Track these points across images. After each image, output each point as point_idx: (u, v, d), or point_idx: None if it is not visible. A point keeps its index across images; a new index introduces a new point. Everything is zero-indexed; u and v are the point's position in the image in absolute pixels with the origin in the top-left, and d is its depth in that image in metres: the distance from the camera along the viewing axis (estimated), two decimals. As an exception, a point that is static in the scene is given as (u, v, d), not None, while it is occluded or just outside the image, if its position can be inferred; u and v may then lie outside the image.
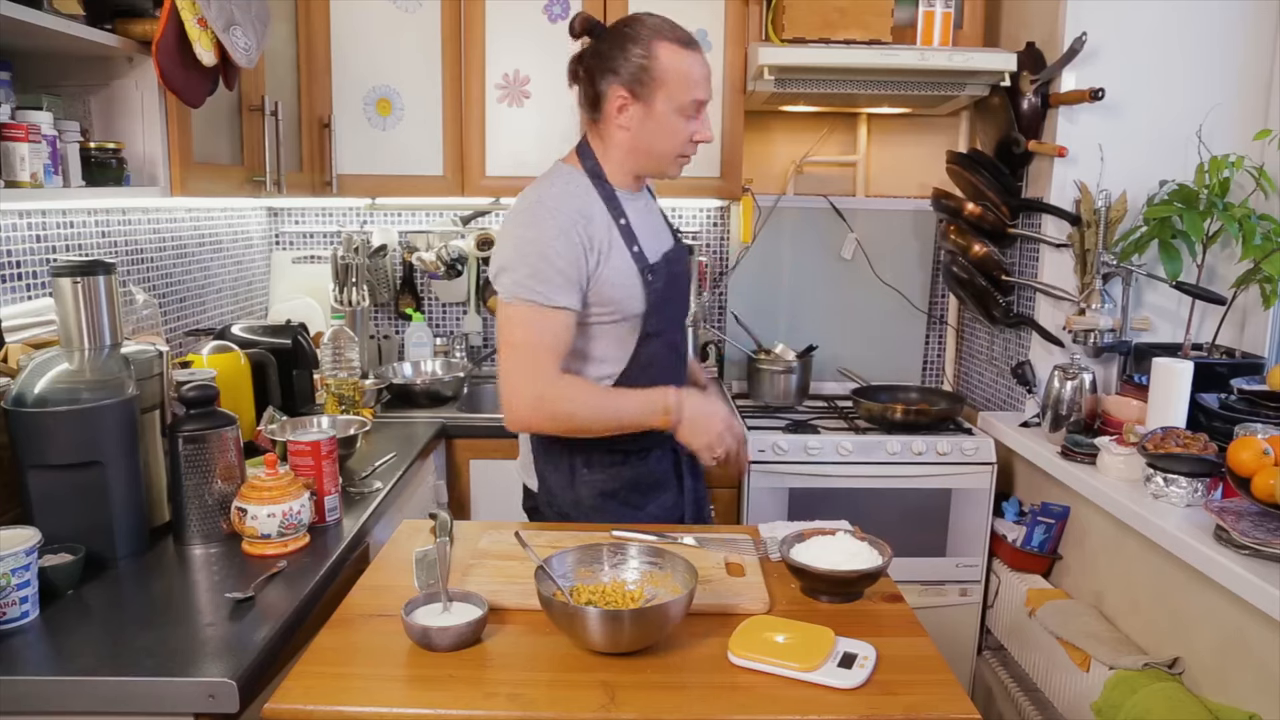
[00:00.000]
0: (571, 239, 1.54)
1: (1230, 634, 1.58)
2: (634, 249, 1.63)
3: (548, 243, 1.54)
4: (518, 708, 1.07)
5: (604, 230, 1.60)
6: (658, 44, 1.57)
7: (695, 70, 1.60)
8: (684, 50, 1.59)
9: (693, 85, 1.59)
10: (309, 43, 2.47)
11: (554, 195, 1.60)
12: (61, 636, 1.19)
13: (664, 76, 1.57)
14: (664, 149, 1.64)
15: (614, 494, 1.71)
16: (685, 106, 1.60)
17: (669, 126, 1.61)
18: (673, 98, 1.59)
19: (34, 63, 1.64)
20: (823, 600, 1.35)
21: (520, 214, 1.60)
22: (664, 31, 1.59)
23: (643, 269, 1.63)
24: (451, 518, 1.34)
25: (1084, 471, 2.02)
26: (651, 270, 1.64)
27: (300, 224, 2.96)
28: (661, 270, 1.66)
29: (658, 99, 1.59)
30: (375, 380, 2.53)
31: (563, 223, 1.55)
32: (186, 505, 1.49)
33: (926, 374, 3.03)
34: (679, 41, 1.59)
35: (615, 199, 1.65)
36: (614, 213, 1.63)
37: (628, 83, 1.59)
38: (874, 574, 1.34)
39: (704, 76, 1.62)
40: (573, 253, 1.54)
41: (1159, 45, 2.26)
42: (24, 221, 1.76)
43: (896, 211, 2.88)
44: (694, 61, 1.60)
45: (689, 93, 1.59)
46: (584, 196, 1.62)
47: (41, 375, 1.38)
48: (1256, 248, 2.06)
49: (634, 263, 1.62)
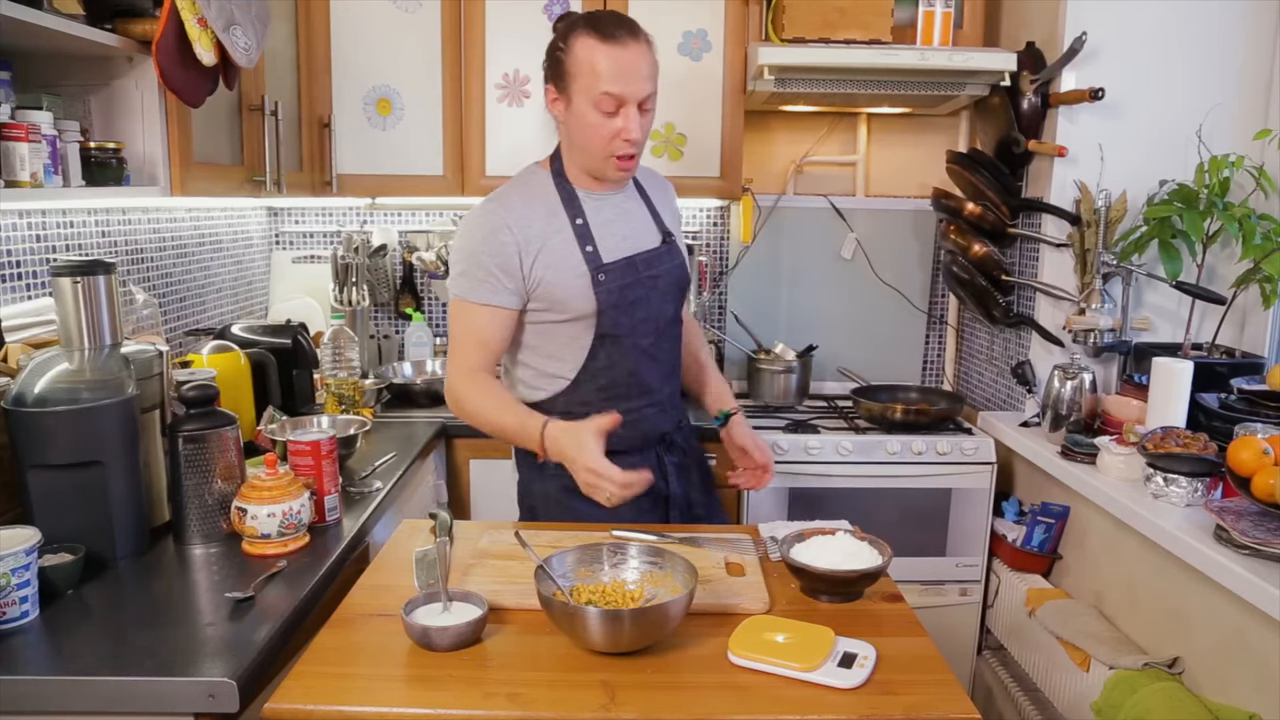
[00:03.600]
0: (501, 239, 1.58)
1: (1230, 634, 1.58)
2: (586, 249, 1.62)
3: (478, 243, 1.60)
4: (518, 708, 1.07)
5: (547, 230, 1.61)
6: (574, 36, 1.54)
7: (607, 63, 1.52)
8: (600, 42, 1.52)
9: (602, 78, 1.52)
10: (309, 43, 2.47)
11: (500, 195, 1.66)
12: (61, 636, 1.19)
13: (576, 70, 1.54)
14: (590, 147, 1.59)
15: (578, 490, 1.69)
16: (599, 100, 1.53)
17: (587, 122, 1.56)
18: (585, 91, 1.54)
19: (34, 63, 1.64)
20: (823, 600, 1.35)
21: (468, 214, 1.65)
22: (586, 24, 1.54)
23: (595, 269, 1.61)
24: (451, 518, 1.34)
25: (1084, 471, 2.02)
26: (605, 270, 1.62)
27: (300, 224, 2.96)
28: (619, 271, 1.63)
29: (574, 93, 1.55)
30: (375, 380, 2.53)
31: (495, 223, 1.59)
32: (186, 505, 1.49)
33: (926, 374, 3.03)
34: (598, 34, 1.52)
35: (575, 199, 1.65)
36: (570, 212, 1.63)
37: (552, 77, 1.60)
38: (874, 574, 1.34)
39: (620, 70, 1.52)
40: (502, 252, 1.58)
41: (1159, 45, 2.26)
42: (24, 221, 1.76)
43: (896, 211, 2.88)
44: (610, 54, 1.52)
45: (598, 85, 1.52)
46: (537, 196, 1.64)
47: (41, 375, 1.38)
48: (1256, 247, 2.06)
49: (584, 263, 1.61)
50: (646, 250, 1.69)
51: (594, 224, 1.64)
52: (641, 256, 1.67)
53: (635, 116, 1.56)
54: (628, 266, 1.65)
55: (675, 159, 2.61)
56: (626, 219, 1.70)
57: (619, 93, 1.53)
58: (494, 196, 1.66)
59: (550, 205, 1.64)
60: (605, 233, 1.65)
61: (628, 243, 1.67)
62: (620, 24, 1.55)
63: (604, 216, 1.66)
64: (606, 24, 1.54)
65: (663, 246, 1.72)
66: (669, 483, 1.75)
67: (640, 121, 1.57)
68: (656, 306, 1.70)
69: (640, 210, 1.74)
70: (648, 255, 1.68)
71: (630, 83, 1.53)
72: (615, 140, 1.57)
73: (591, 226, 1.64)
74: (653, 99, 1.59)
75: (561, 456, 1.49)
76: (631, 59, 1.53)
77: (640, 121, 1.57)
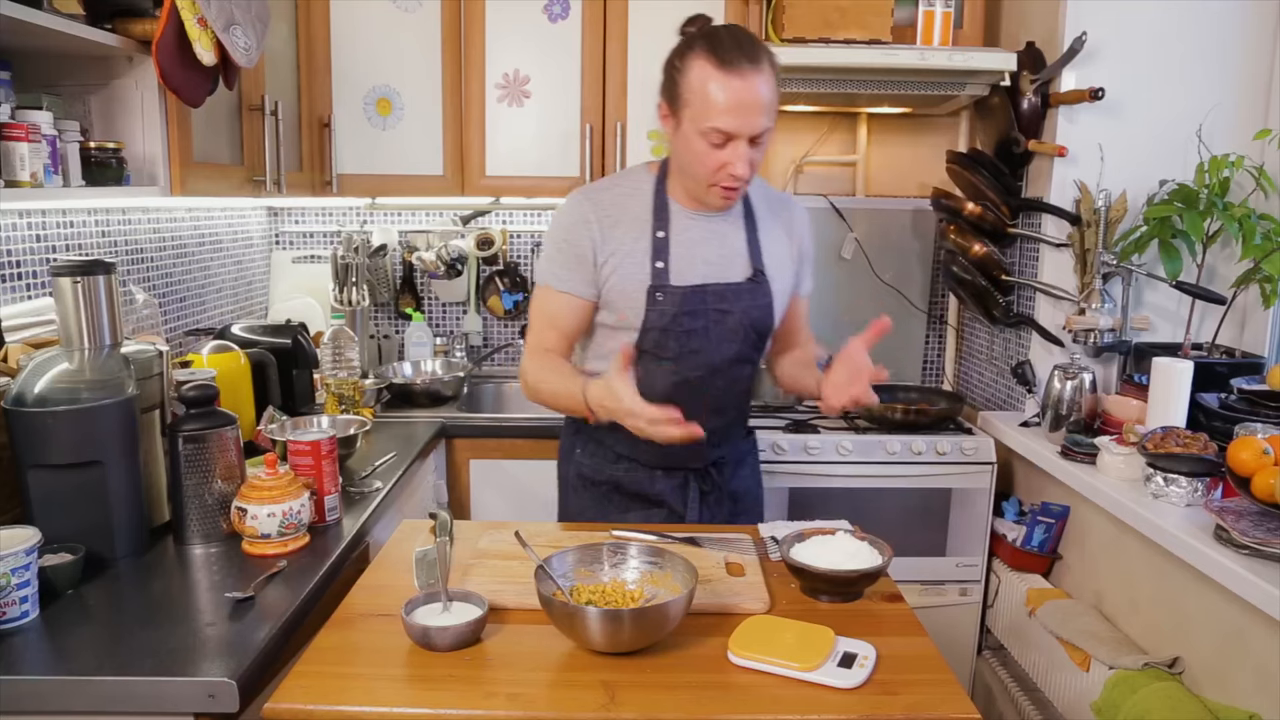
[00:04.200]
0: (587, 230, 1.57)
1: (1230, 634, 1.58)
2: (656, 264, 1.56)
3: (563, 231, 1.60)
4: (518, 708, 1.07)
5: (629, 234, 1.57)
6: (691, 56, 1.45)
7: (720, 95, 1.42)
8: (718, 70, 1.41)
9: (712, 111, 1.42)
10: (309, 43, 2.47)
11: (594, 188, 1.64)
12: (61, 636, 1.19)
13: (688, 95, 1.45)
14: (694, 173, 1.52)
15: (597, 485, 1.72)
16: (707, 132, 1.44)
17: (692, 149, 1.48)
18: (694, 120, 1.45)
19: (34, 63, 1.64)
20: (823, 600, 1.35)
21: (564, 200, 1.64)
22: (705, 44, 1.44)
23: (654, 288, 1.56)
24: (451, 518, 1.34)
25: (1084, 471, 2.02)
26: (664, 291, 1.56)
27: (300, 224, 2.96)
28: (681, 296, 1.56)
29: (684, 117, 1.47)
30: (375, 380, 2.53)
31: (585, 213, 1.58)
32: (186, 505, 1.49)
33: (926, 374, 3.03)
34: (715, 59, 1.42)
35: (665, 210, 1.58)
36: (658, 221, 1.58)
37: (664, 92, 1.52)
38: (874, 574, 1.34)
39: (733, 104, 1.42)
40: (581, 244, 1.57)
41: (1159, 45, 2.26)
42: (24, 221, 1.76)
43: (896, 211, 2.88)
44: (727, 85, 1.41)
45: (709, 118, 1.43)
46: (632, 197, 1.60)
47: (41, 375, 1.38)
48: (1256, 247, 2.06)
49: (649, 277, 1.56)
50: (724, 282, 1.59)
51: (675, 241, 1.57)
52: (715, 287, 1.58)
53: (744, 152, 1.46)
54: (693, 294, 1.57)
55: (675, 159, 2.61)
56: (715, 244, 1.60)
57: (729, 129, 1.43)
58: (588, 188, 1.64)
59: (641, 210, 1.59)
60: (684, 253, 1.57)
61: (706, 269, 1.59)
62: (741, 48, 1.43)
63: (690, 236, 1.58)
64: (726, 47, 1.43)
65: (746, 283, 1.61)
66: (687, 508, 1.71)
67: (750, 156, 1.47)
68: (715, 343, 1.60)
69: (737, 238, 1.62)
70: (723, 288, 1.59)
71: (743, 118, 1.43)
72: (720, 172, 1.48)
73: (671, 244, 1.57)
74: (767, 134, 1.48)
75: (605, 411, 1.46)
76: (748, 91, 1.42)
77: (750, 156, 1.47)
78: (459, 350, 2.90)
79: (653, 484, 1.70)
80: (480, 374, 2.94)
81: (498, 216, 2.96)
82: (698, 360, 1.61)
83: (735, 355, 1.64)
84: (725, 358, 1.63)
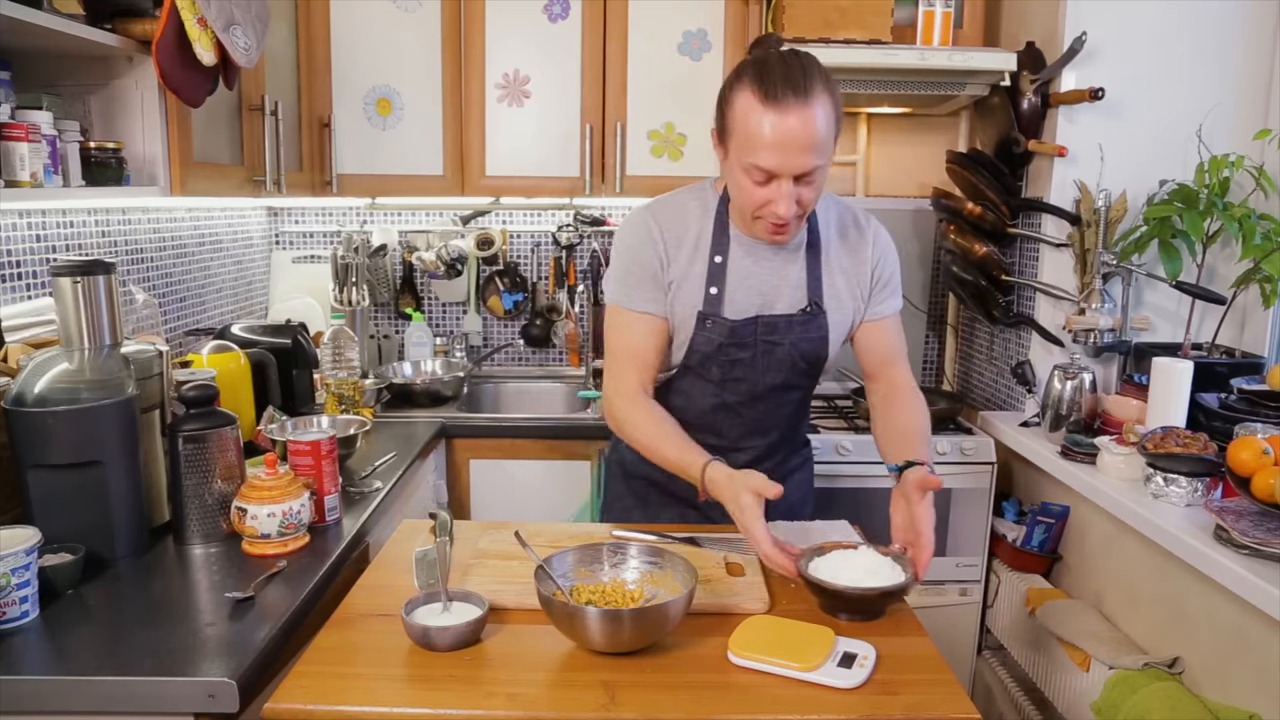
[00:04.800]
0: (654, 249, 1.53)
1: (1230, 634, 1.58)
2: (710, 290, 1.52)
3: (632, 250, 1.55)
4: (518, 708, 1.07)
5: (692, 254, 1.53)
6: (738, 87, 1.37)
7: (761, 132, 1.34)
8: (760, 103, 1.34)
9: (757, 148, 1.35)
10: (309, 43, 2.47)
11: (662, 203, 1.59)
12: (61, 636, 1.19)
13: (734, 127, 1.39)
14: (738, 202, 1.46)
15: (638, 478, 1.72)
16: (749, 169, 1.38)
17: (737, 183, 1.42)
18: (738, 154, 1.39)
19: (34, 63, 1.64)
20: (842, 618, 1.28)
21: (630, 215, 1.60)
22: (753, 75, 1.36)
23: (705, 314, 1.52)
24: (451, 518, 1.34)
25: (1084, 471, 2.02)
26: (713, 320, 1.52)
27: (300, 224, 2.96)
28: (730, 327, 1.52)
29: (730, 148, 1.41)
30: (375, 380, 2.53)
31: (653, 231, 1.54)
32: (186, 505, 1.49)
33: (926, 374, 3.03)
34: (760, 91, 1.34)
35: (725, 234, 1.54)
36: (716, 246, 1.53)
37: (716, 121, 1.45)
38: (896, 592, 1.27)
39: (776, 142, 1.33)
40: (653, 262, 1.53)
41: (1159, 45, 2.26)
42: (24, 221, 1.76)
43: (896, 211, 2.88)
44: (768, 121, 1.33)
45: (751, 154, 1.36)
46: (696, 216, 1.55)
47: (41, 375, 1.38)
48: (1256, 247, 2.06)
49: (701, 302, 1.52)
50: (776, 314, 1.55)
51: (732, 269, 1.53)
52: (766, 319, 1.54)
53: (789, 191, 1.37)
54: (743, 326, 1.53)
55: (675, 159, 2.61)
56: (770, 275, 1.55)
57: (770, 167, 1.36)
58: (653, 202, 1.59)
59: (703, 230, 1.54)
60: (739, 283, 1.53)
61: (759, 300, 1.54)
62: (789, 81, 1.33)
63: (746, 265, 1.54)
64: (773, 79, 1.34)
65: (800, 314, 1.55)
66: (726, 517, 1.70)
67: (797, 194, 1.39)
68: (759, 373, 1.57)
69: (795, 269, 1.56)
70: (774, 319, 1.54)
71: (785, 157, 1.34)
72: (764, 208, 1.41)
73: (729, 271, 1.53)
74: (819, 171, 1.38)
75: (721, 499, 1.37)
76: (792, 129, 1.33)
77: (797, 194, 1.39)
78: (459, 350, 2.90)
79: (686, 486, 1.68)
80: (480, 374, 2.94)
81: (498, 216, 2.96)
82: (740, 388, 1.59)
83: (781, 384, 1.60)
84: (769, 385, 1.60)
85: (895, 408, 1.63)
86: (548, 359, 3.04)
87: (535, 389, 2.91)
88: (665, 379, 1.62)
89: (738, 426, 1.63)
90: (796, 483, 1.77)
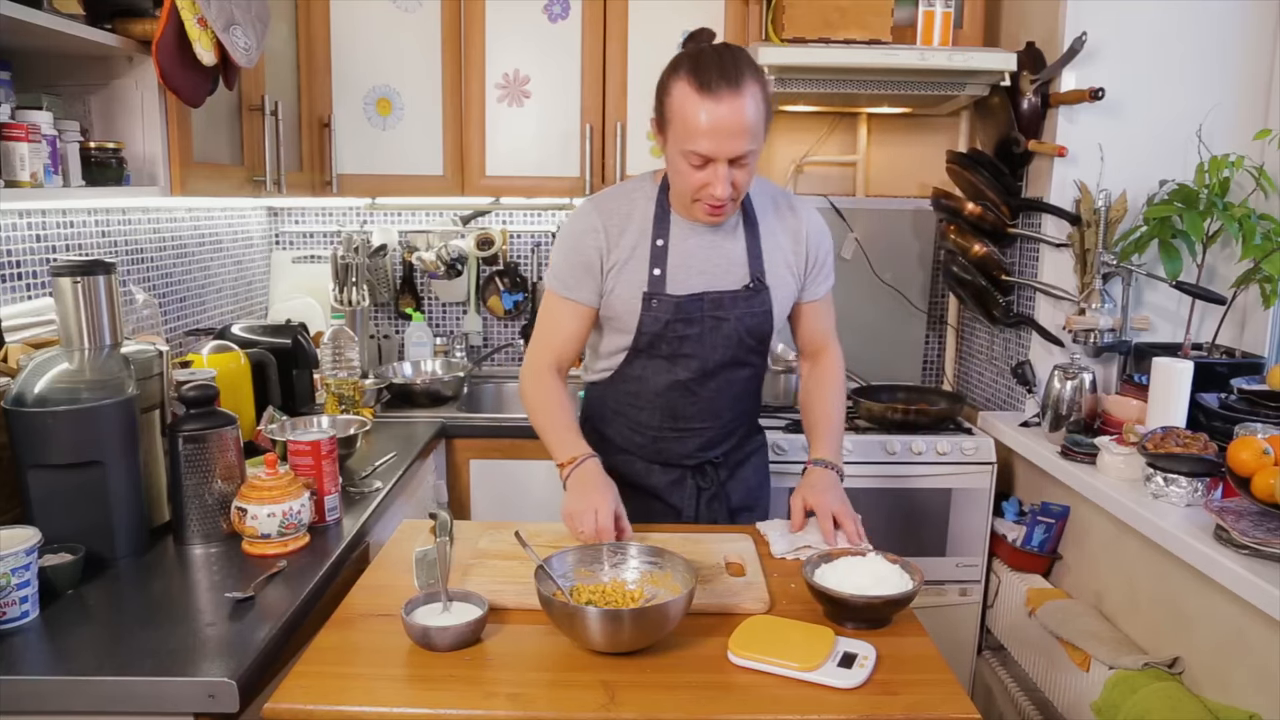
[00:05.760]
0: (595, 239, 1.61)
1: (1230, 634, 1.58)
2: (654, 271, 1.60)
3: (572, 240, 1.63)
4: (518, 708, 1.07)
5: (634, 242, 1.61)
6: (675, 79, 1.46)
7: (697, 119, 1.42)
8: (695, 92, 1.42)
9: (693, 134, 1.43)
10: (309, 43, 2.47)
11: (602, 197, 1.67)
12: (61, 636, 1.19)
13: (671, 116, 1.47)
14: (676, 187, 1.55)
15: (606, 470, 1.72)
16: (686, 154, 1.46)
17: (675, 168, 1.51)
18: (677, 140, 1.47)
19: (34, 63, 1.64)
20: (848, 626, 1.26)
21: (574, 210, 1.68)
22: (689, 67, 1.45)
23: (650, 294, 1.59)
24: (451, 518, 1.34)
25: (1084, 471, 2.02)
26: (659, 299, 1.59)
27: (300, 224, 2.96)
28: (675, 305, 1.59)
29: (669, 136, 1.50)
30: (375, 380, 2.53)
31: (593, 222, 1.62)
32: (186, 505, 1.49)
33: (926, 374, 3.03)
34: (695, 82, 1.42)
35: (666, 219, 1.61)
36: (657, 229, 1.61)
37: (655, 110, 1.54)
38: (902, 600, 1.26)
39: (711, 128, 1.42)
40: (588, 253, 1.61)
41: (1159, 45, 2.26)
42: (24, 221, 1.76)
43: (896, 211, 2.88)
44: (703, 108, 1.41)
45: (688, 140, 1.44)
46: (637, 206, 1.63)
47: (41, 375, 1.38)
48: (1256, 247, 2.06)
49: (645, 284, 1.60)
50: (720, 290, 1.61)
51: (674, 250, 1.60)
52: (712, 295, 1.61)
53: (724, 174, 1.46)
54: (688, 302, 1.60)
55: (675, 159, 2.61)
56: (712, 253, 1.62)
57: (707, 152, 1.44)
58: (598, 197, 1.67)
59: (645, 218, 1.62)
60: (682, 262, 1.60)
61: (702, 278, 1.61)
62: (723, 73, 1.42)
63: (688, 245, 1.61)
64: (707, 70, 1.43)
65: (744, 290, 1.63)
66: (696, 506, 1.74)
67: (732, 176, 1.47)
68: (708, 349, 1.64)
69: (736, 246, 1.63)
70: (719, 295, 1.61)
71: (720, 142, 1.43)
72: (701, 191, 1.50)
73: (670, 252, 1.60)
74: (751, 155, 1.47)
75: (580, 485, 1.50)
76: (726, 116, 1.41)
77: (732, 176, 1.47)
78: (459, 350, 2.90)
79: (649, 477, 1.74)
80: (480, 374, 2.94)
81: (498, 216, 2.96)
82: (690, 364, 1.66)
83: (730, 359, 1.66)
84: (718, 362, 1.66)
85: (817, 394, 1.77)
86: (548, 359, 3.03)
87: (535, 389, 2.90)
88: (618, 364, 1.69)
89: (692, 405, 1.69)
90: (754, 466, 1.84)
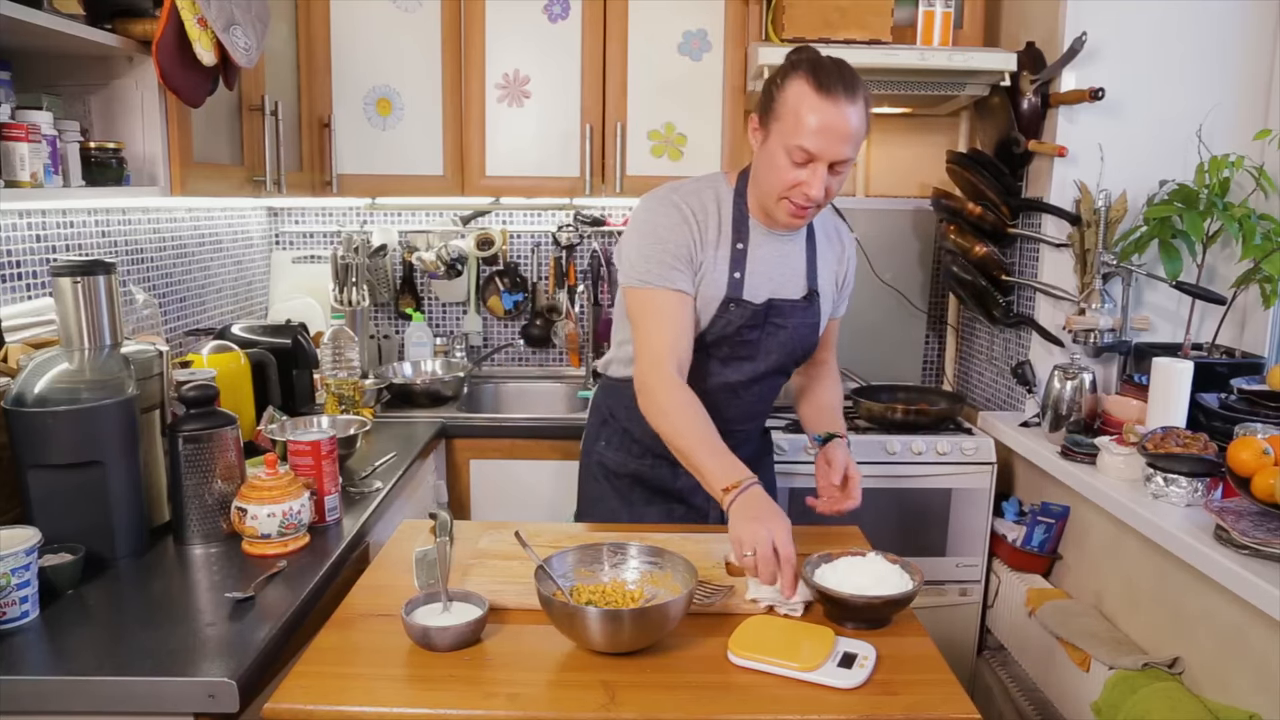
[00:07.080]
0: (688, 230, 1.59)
1: (1230, 634, 1.58)
2: (735, 274, 1.61)
3: (663, 229, 1.59)
4: (518, 708, 1.07)
5: (716, 239, 1.61)
6: (792, 77, 1.50)
7: (812, 117, 1.47)
8: (815, 94, 1.47)
9: (804, 131, 1.47)
10: (309, 43, 2.47)
11: (685, 189, 1.65)
12: (61, 636, 1.19)
13: (782, 111, 1.50)
14: (769, 187, 1.55)
15: (620, 477, 1.74)
16: (792, 149, 1.49)
17: (774, 164, 1.52)
18: (784, 135, 1.50)
19: (34, 63, 1.64)
20: (848, 627, 1.27)
21: (646, 199, 1.64)
22: (808, 68, 1.49)
23: (730, 297, 1.60)
24: (451, 518, 1.34)
25: (1084, 471, 2.02)
26: (737, 303, 1.61)
27: (300, 224, 2.96)
28: (749, 310, 1.62)
29: (774, 131, 1.52)
30: (375, 380, 2.53)
31: (684, 212, 1.60)
32: (186, 505, 1.49)
33: (926, 374, 3.03)
34: (816, 85, 1.47)
35: (745, 223, 1.62)
36: (736, 233, 1.62)
37: (761, 107, 1.56)
38: (902, 600, 1.27)
39: (825, 127, 1.46)
40: (685, 242, 1.59)
41: (1159, 45, 2.26)
42: (24, 221, 1.76)
43: (896, 211, 2.88)
44: (819, 108, 1.47)
45: (797, 136, 1.48)
46: (716, 204, 1.63)
47: (41, 375, 1.38)
48: (1256, 247, 2.06)
49: (726, 286, 1.60)
50: (786, 299, 1.66)
51: (751, 256, 1.62)
52: (779, 303, 1.65)
53: (822, 175, 1.50)
54: (761, 309, 1.63)
55: (675, 159, 2.61)
56: (781, 263, 1.66)
57: (813, 149, 1.48)
58: (676, 187, 1.65)
59: (724, 218, 1.62)
60: (757, 268, 1.63)
61: (771, 285, 1.64)
62: (841, 79, 1.48)
63: (763, 252, 1.64)
64: (828, 74, 1.48)
65: (802, 300, 1.68)
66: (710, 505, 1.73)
67: (826, 180, 1.51)
68: (763, 354, 1.67)
69: (799, 258, 1.69)
70: (784, 304, 1.65)
71: (828, 142, 1.48)
72: (795, 189, 1.52)
73: (748, 257, 1.62)
74: (848, 164, 1.52)
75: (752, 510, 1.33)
76: (838, 119, 1.47)
77: (826, 180, 1.51)
78: (459, 350, 2.91)
79: (675, 480, 1.74)
80: (480, 374, 2.94)
81: (498, 216, 2.96)
82: (743, 368, 1.68)
83: (777, 366, 1.70)
84: (769, 368, 1.69)
85: (819, 387, 1.83)
86: (548, 359, 3.04)
87: (535, 389, 2.91)
88: None
89: (735, 407, 1.71)
90: (766, 466, 1.89)
